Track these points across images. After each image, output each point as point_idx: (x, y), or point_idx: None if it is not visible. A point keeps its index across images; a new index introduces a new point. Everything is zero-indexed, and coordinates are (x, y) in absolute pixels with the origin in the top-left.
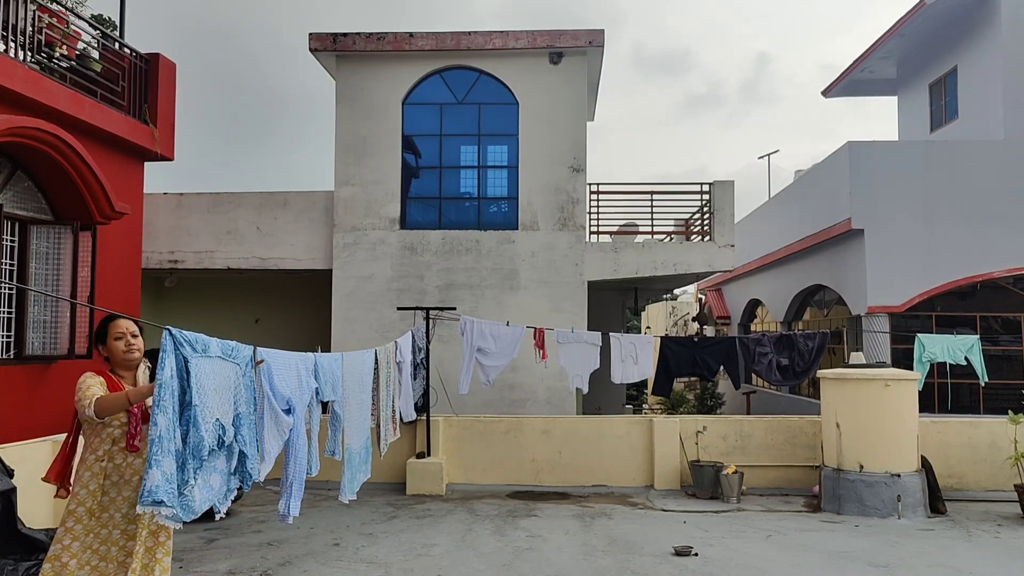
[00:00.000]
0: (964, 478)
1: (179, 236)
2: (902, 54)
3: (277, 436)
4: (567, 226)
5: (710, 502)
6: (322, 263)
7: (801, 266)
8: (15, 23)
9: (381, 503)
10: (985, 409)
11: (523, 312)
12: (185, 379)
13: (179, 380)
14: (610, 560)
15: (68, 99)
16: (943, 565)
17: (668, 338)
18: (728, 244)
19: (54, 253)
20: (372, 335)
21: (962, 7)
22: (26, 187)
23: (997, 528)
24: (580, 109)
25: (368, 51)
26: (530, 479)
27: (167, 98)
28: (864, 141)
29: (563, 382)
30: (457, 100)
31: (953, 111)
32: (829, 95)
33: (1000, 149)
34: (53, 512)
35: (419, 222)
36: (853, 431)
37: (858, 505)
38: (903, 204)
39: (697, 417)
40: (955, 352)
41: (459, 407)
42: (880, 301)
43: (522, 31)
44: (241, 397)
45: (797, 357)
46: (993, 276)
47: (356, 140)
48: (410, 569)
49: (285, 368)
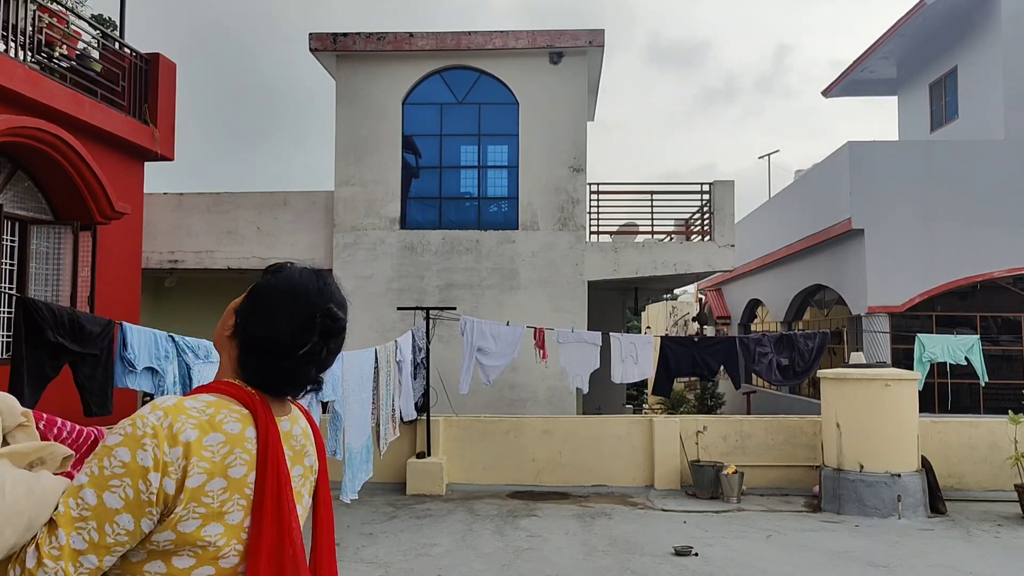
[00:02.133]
0: (964, 478)
1: (179, 236)
2: (902, 54)
3: None
4: (567, 226)
5: (710, 502)
6: (322, 263)
7: (801, 266)
8: (15, 23)
9: (381, 503)
10: (985, 409)
11: (523, 312)
12: (188, 385)
13: (182, 386)
14: (610, 560)
15: (68, 99)
16: (943, 565)
17: (668, 338)
18: (728, 244)
19: (54, 253)
20: (372, 335)
21: (962, 7)
22: (26, 187)
23: (997, 528)
24: (580, 109)
25: (368, 51)
26: (530, 479)
27: (167, 98)
28: (864, 141)
29: (563, 382)
30: (457, 100)
31: (953, 111)
32: (829, 95)
33: (1000, 149)
34: None
35: (419, 222)
36: (853, 431)
37: (858, 505)
38: (903, 204)
39: (697, 417)
40: (955, 352)
41: (459, 407)
42: (880, 301)
43: (522, 31)
44: None
45: (797, 357)
46: (993, 276)
47: (356, 140)
48: (410, 569)
49: None
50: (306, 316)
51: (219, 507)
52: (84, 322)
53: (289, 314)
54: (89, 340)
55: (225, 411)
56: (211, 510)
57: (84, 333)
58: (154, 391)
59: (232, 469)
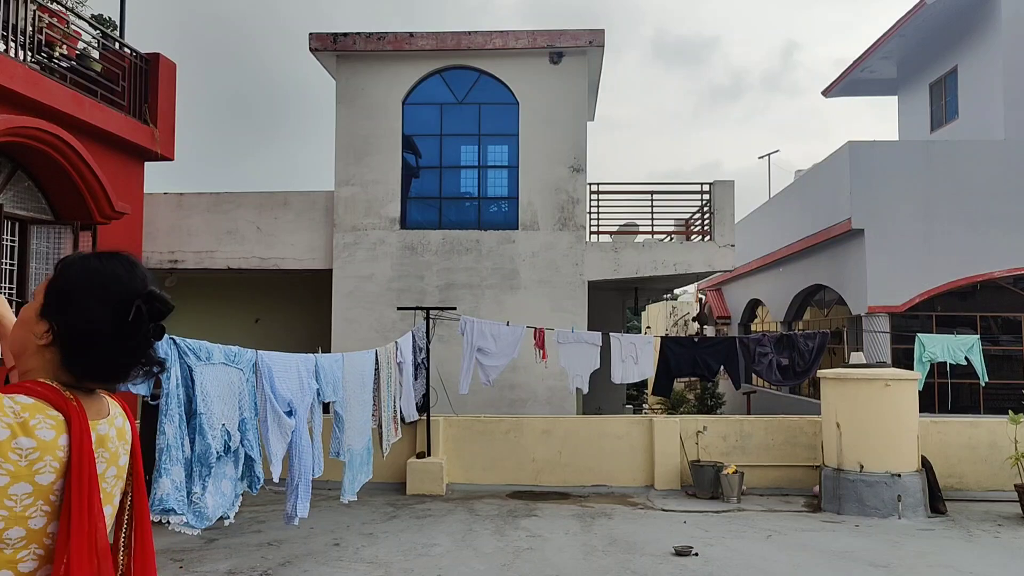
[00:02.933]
0: (964, 478)
1: (179, 236)
2: (902, 54)
3: (281, 438)
4: (567, 226)
5: (710, 502)
6: (322, 263)
7: (801, 266)
8: (15, 23)
9: (381, 503)
10: (985, 409)
11: (523, 312)
12: (191, 387)
13: (184, 389)
14: (610, 560)
15: (68, 99)
16: (943, 565)
17: (668, 338)
18: (728, 244)
19: (54, 253)
20: (372, 335)
21: (962, 7)
22: (26, 187)
23: (997, 528)
24: (580, 109)
25: (368, 51)
26: (530, 479)
27: (167, 98)
28: (864, 141)
29: (563, 382)
30: (457, 100)
31: (953, 111)
32: (829, 95)
33: (1000, 149)
34: None
35: (419, 222)
36: (853, 431)
37: (858, 505)
38: (903, 204)
39: (697, 417)
40: (955, 352)
41: (459, 407)
42: (880, 301)
43: (522, 31)
44: (245, 402)
45: (797, 357)
46: (993, 276)
47: (356, 140)
48: (410, 569)
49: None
50: (124, 303)
51: (22, 511)
52: None
53: (105, 304)
54: None
55: (40, 416)
56: (13, 514)
57: None
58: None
59: (40, 476)
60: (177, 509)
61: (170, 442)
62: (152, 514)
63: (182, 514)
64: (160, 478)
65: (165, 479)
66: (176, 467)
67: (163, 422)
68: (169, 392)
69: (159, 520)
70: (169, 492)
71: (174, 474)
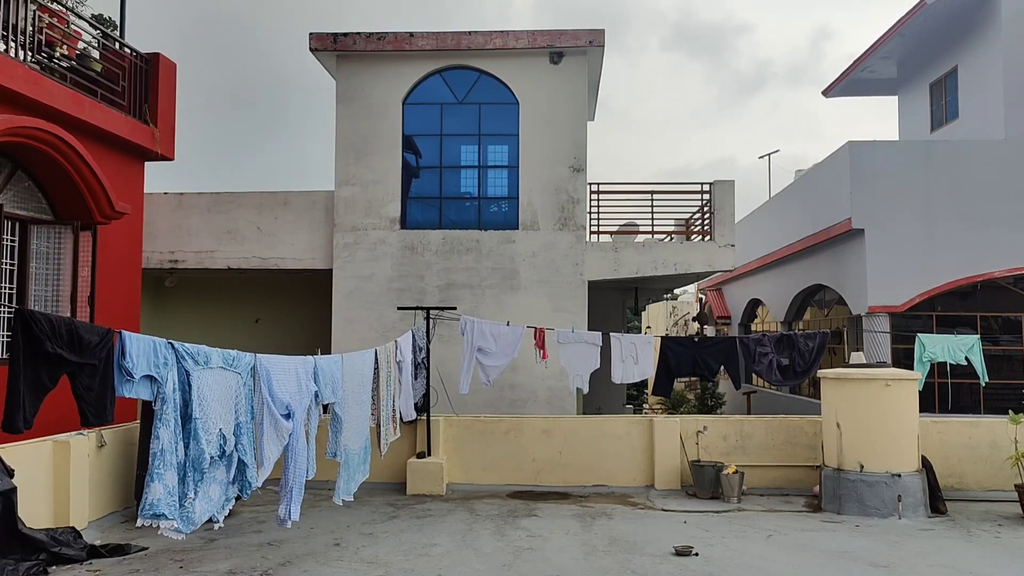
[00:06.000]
0: (964, 478)
1: (179, 236)
2: (902, 54)
3: (276, 442)
4: (567, 226)
5: (710, 502)
6: (322, 263)
7: (801, 266)
8: (15, 23)
9: (381, 503)
10: (985, 409)
11: (523, 312)
12: (187, 392)
13: (181, 393)
14: (610, 560)
15: (68, 99)
16: (943, 565)
17: (668, 338)
18: (728, 244)
19: (54, 253)
20: (372, 335)
21: (962, 7)
22: (26, 187)
23: (997, 528)
24: (580, 109)
25: (368, 51)
26: (530, 479)
27: (167, 98)
28: (865, 141)
29: (563, 382)
30: (457, 100)
31: (953, 111)
32: (829, 95)
33: (1000, 149)
34: (53, 512)
35: (419, 222)
36: (853, 431)
37: (859, 505)
38: (903, 204)
39: (697, 417)
40: (955, 352)
41: (459, 407)
42: (880, 301)
43: (522, 31)
44: (242, 406)
45: (797, 357)
46: (993, 276)
47: (356, 140)
48: (410, 569)
49: (284, 374)
50: None
51: None
52: (83, 332)
53: None
54: (87, 350)
55: None
56: None
57: (82, 343)
58: (152, 399)
59: None
60: (168, 514)
61: (164, 446)
62: (143, 519)
63: (172, 519)
64: (152, 483)
65: (157, 484)
66: (169, 472)
67: (158, 426)
68: (166, 396)
69: (148, 524)
70: (161, 497)
71: (167, 479)
